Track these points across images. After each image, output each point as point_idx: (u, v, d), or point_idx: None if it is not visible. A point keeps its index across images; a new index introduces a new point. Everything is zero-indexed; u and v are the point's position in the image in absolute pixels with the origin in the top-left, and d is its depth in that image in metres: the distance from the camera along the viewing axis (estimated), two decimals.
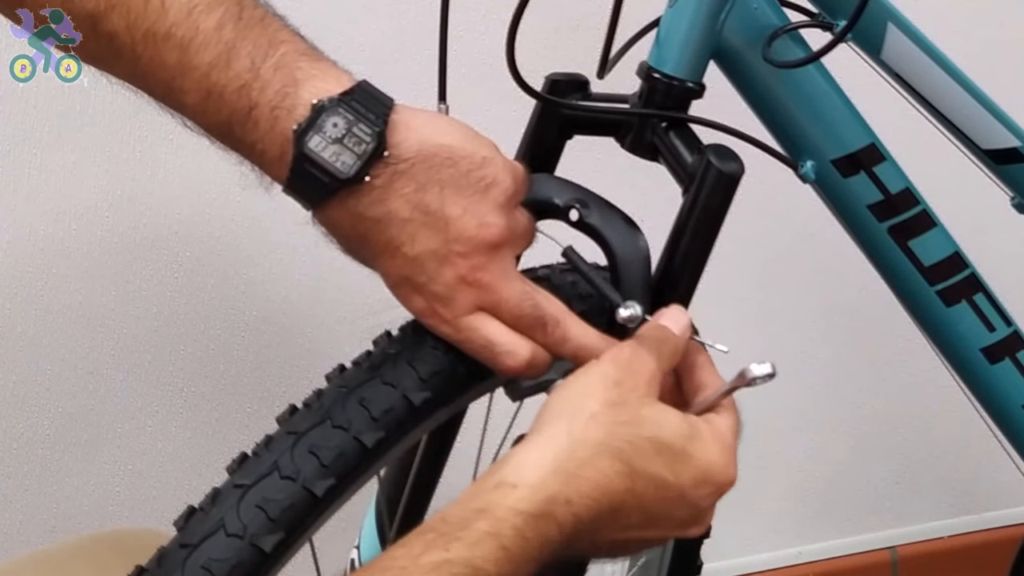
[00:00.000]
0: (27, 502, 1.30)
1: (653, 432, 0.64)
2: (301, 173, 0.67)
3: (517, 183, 0.71)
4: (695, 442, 0.66)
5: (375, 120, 0.68)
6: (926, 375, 1.50)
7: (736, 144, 0.79)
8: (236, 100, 0.67)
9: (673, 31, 0.79)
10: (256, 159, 0.69)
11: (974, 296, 0.93)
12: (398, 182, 0.67)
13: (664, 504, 0.64)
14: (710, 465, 0.66)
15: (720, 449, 0.67)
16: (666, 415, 0.65)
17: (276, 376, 1.34)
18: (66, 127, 1.20)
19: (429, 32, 1.28)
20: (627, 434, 0.63)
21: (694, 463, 0.65)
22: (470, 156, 0.69)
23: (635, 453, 0.63)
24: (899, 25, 0.87)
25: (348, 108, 0.68)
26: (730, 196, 0.77)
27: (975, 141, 0.94)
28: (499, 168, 0.70)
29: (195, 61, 0.67)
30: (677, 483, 0.65)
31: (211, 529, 0.65)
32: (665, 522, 0.66)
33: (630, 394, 0.64)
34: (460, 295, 0.69)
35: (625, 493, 0.63)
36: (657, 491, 0.64)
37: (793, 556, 1.68)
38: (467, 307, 0.69)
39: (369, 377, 0.70)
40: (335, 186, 0.67)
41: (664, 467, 0.64)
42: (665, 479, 0.64)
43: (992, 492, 1.73)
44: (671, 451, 0.64)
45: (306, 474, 0.66)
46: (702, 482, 0.65)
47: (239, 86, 0.67)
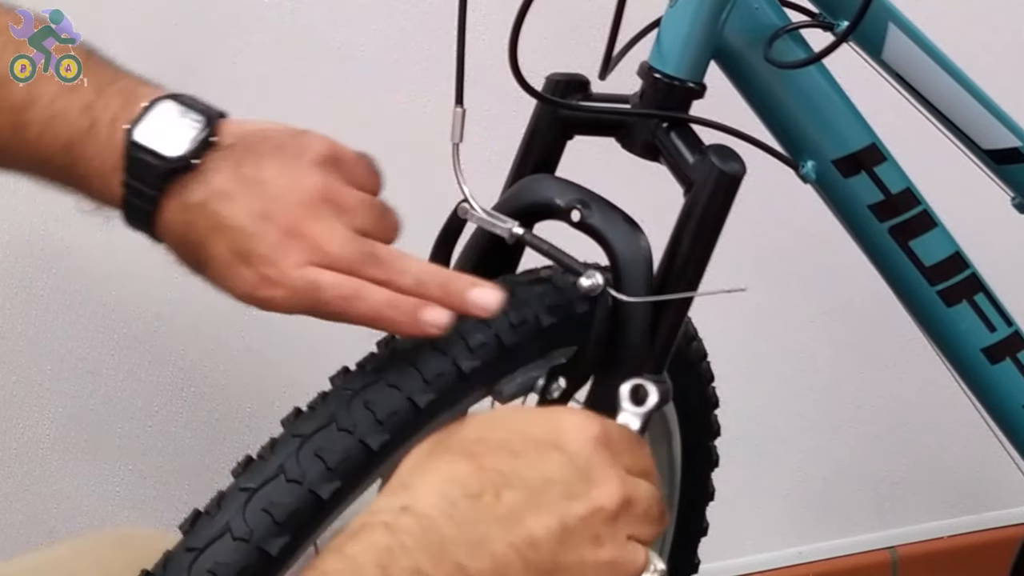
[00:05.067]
0: (27, 502, 1.30)
1: (475, 420, 0.61)
2: (134, 163, 0.69)
3: (334, 148, 0.72)
4: (528, 408, 0.64)
5: (204, 111, 0.72)
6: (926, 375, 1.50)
7: (737, 144, 0.79)
8: (78, 119, 0.72)
9: (674, 31, 0.79)
10: (94, 175, 0.71)
11: (975, 296, 0.93)
12: (221, 162, 0.70)
13: (528, 465, 0.57)
14: (555, 412, 0.61)
15: (557, 422, 0.60)
16: (515, 409, 0.65)
17: (276, 376, 1.34)
18: None
19: (429, 33, 1.29)
20: (451, 434, 0.60)
21: (535, 413, 0.62)
22: (284, 130, 0.73)
23: (464, 439, 0.59)
24: (900, 25, 0.87)
25: (178, 103, 0.72)
26: (731, 196, 0.77)
27: (975, 141, 0.94)
28: (313, 137, 0.73)
29: (41, 91, 0.73)
30: (527, 436, 0.59)
31: (217, 533, 0.65)
32: (548, 488, 0.57)
33: (483, 413, 0.64)
34: (285, 251, 0.68)
35: (475, 470, 0.57)
36: (509, 453, 0.58)
37: (793, 556, 1.68)
38: (295, 263, 0.68)
39: (374, 380, 0.70)
40: (165, 168, 0.69)
41: (503, 430, 0.59)
42: (510, 439, 0.58)
43: (992, 492, 1.73)
44: (505, 416, 0.62)
45: (311, 477, 0.66)
46: (553, 426, 0.59)
47: (83, 106, 0.72)
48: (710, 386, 0.97)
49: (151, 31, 1.20)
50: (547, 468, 0.58)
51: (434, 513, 0.56)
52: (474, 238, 0.83)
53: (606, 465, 0.59)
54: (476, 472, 0.57)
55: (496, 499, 0.56)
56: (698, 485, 1.02)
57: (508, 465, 0.57)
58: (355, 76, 1.27)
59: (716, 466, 1.02)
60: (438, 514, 0.56)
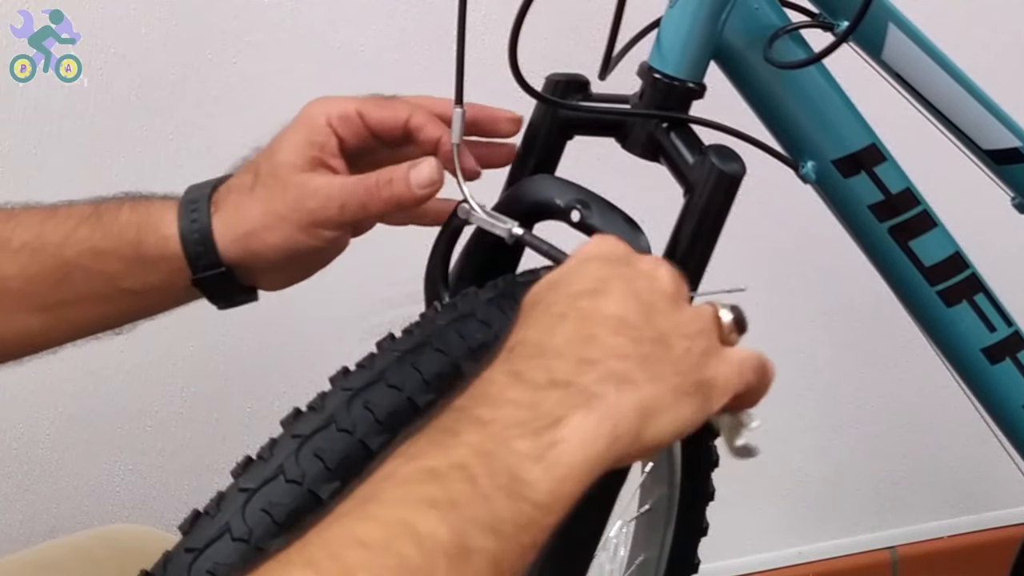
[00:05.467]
0: (27, 502, 1.30)
1: (541, 287, 0.64)
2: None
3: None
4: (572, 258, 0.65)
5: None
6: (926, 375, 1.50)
7: (737, 144, 0.79)
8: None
9: (674, 31, 0.79)
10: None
11: (975, 296, 0.93)
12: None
13: (584, 281, 0.61)
14: (584, 254, 0.64)
15: (580, 252, 0.65)
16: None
17: (276, 376, 1.34)
18: (66, 127, 1.20)
19: (429, 33, 1.29)
20: (526, 308, 0.63)
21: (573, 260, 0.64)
22: None
23: (532, 299, 0.63)
24: (900, 25, 0.87)
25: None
26: (731, 196, 0.77)
27: (975, 141, 0.94)
28: None
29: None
30: (572, 266, 0.63)
31: (217, 533, 0.65)
32: (611, 285, 0.61)
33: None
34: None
35: (545, 308, 0.61)
36: (567, 283, 0.62)
37: (793, 556, 1.68)
38: None
39: (374, 380, 0.70)
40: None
41: (558, 274, 0.63)
42: (564, 276, 0.63)
43: (992, 492, 1.73)
44: (552, 278, 0.64)
45: (311, 478, 0.66)
46: (576, 255, 0.64)
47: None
48: None
49: (151, 31, 1.20)
50: (595, 273, 0.62)
51: (541, 337, 0.59)
52: (474, 238, 0.82)
53: (635, 256, 0.63)
54: (549, 307, 0.61)
55: (580, 312, 0.59)
56: (698, 485, 1.02)
57: (567, 290, 0.61)
58: (355, 76, 1.27)
59: (716, 466, 1.02)
60: (544, 336, 0.59)
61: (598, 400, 0.56)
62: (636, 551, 1.06)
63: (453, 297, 0.77)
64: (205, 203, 0.80)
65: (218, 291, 0.81)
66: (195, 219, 0.79)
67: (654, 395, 0.58)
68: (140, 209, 0.80)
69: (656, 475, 1.02)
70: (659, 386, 0.58)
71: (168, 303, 0.83)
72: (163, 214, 0.80)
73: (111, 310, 0.82)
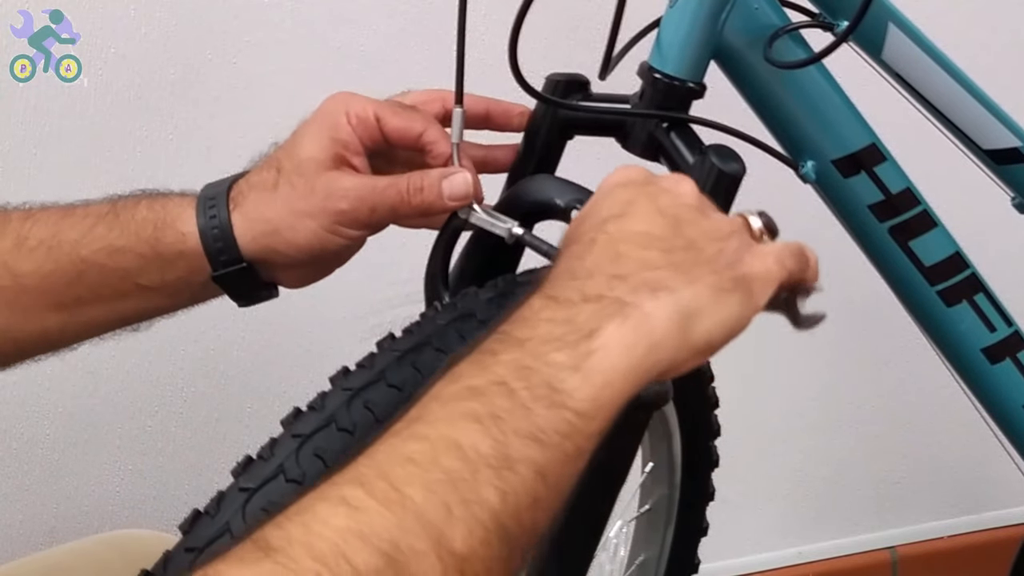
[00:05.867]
0: (27, 502, 1.30)
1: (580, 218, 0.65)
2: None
3: None
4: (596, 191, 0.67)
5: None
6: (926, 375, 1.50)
7: (737, 144, 0.79)
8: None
9: (674, 31, 0.79)
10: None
11: (975, 296, 0.93)
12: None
13: (608, 206, 0.63)
14: (608, 183, 0.66)
15: (604, 183, 0.67)
16: None
17: (276, 376, 1.34)
18: (66, 127, 1.20)
19: (429, 33, 1.29)
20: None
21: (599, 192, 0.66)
22: None
23: (566, 237, 0.64)
24: (900, 25, 0.87)
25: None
26: (731, 196, 0.77)
27: (975, 141, 0.94)
28: None
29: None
30: (597, 198, 0.65)
31: (217, 533, 0.65)
32: (637, 205, 0.63)
33: None
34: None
35: (573, 240, 0.62)
36: (594, 212, 0.63)
37: (793, 556, 1.68)
38: None
39: (374, 379, 0.70)
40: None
41: (587, 209, 0.65)
42: (590, 209, 0.64)
43: (992, 492, 1.73)
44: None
45: (311, 477, 0.66)
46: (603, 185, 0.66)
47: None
48: (710, 386, 0.97)
49: (151, 31, 1.20)
50: (620, 196, 0.63)
51: (571, 265, 0.60)
52: (474, 238, 0.83)
53: (657, 176, 0.65)
54: (577, 237, 0.62)
55: (607, 235, 0.61)
56: (698, 485, 1.02)
57: (593, 217, 0.63)
58: (355, 76, 1.27)
59: (716, 466, 1.02)
60: (574, 263, 0.60)
61: (632, 308, 0.57)
62: (636, 551, 1.06)
63: (453, 297, 0.78)
64: (223, 199, 0.80)
65: (238, 287, 0.81)
66: (214, 215, 0.79)
67: (692, 296, 0.59)
68: (157, 206, 0.80)
69: (656, 475, 1.02)
70: (696, 287, 0.59)
71: (186, 300, 0.83)
72: (181, 211, 0.80)
73: (128, 307, 0.82)
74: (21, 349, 0.82)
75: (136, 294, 0.80)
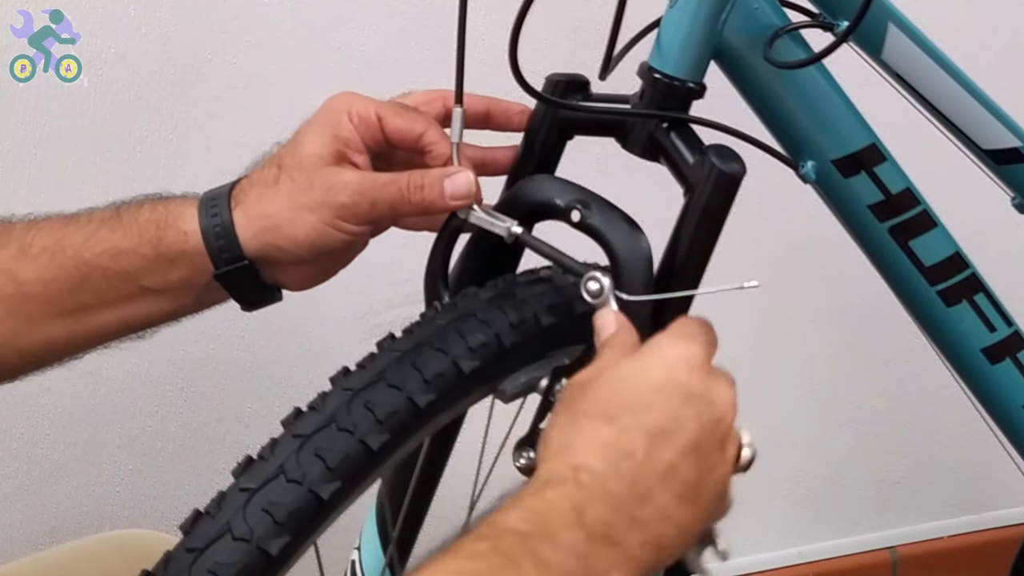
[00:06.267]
0: (27, 502, 1.30)
1: (597, 386, 0.65)
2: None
3: None
4: (639, 357, 0.67)
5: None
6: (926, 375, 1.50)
7: (737, 144, 0.79)
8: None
9: (674, 31, 0.79)
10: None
11: (975, 296, 0.93)
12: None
13: (661, 414, 0.63)
14: (664, 354, 0.66)
15: (667, 339, 0.67)
16: (602, 371, 0.66)
17: (276, 376, 1.34)
18: (66, 127, 1.20)
19: (428, 33, 1.29)
20: (581, 405, 0.65)
21: (650, 366, 0.66)
22: None
23: (597, 404, 0.64)
24: (900, 25, 0.87)
25: None
26: (731, 196, 0.77)
27: (975, 141, 0.94)
28: None
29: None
30: (650, 389, 0.64)
31: (217, 533, 0.65)
32: (684, 428, 0.63)
33: (592, 372, 0.67)
34: None
35: (619, 433, 0.63)
36: (643, 409, 0.64)
37: (793, 556, 1.68)
38: None
39: (374, 379, 0.70)
40: None
41: (628, 390, 0.64)
42: (638, 397, 0.64)
43: (992, 492, 1.73)
44: (624, 378, 0.65)
45: (312, 478, 0.66)
46: (668, 368, 0.65)
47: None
48: None
49: (151, 31, 1.20)
50: (674, 408, 0.64)
51: (605, 473, 0.61)
52: (474, 238, 0.83)
53: (714, 380, 0.66)
54: (621, 434, 0.62)
55: (649, 456, 0.62)
56: None
57: (645, 420, 0.63)
58: (355, 76, 1.27)
59: None
60: (609, 474, 0.61)
61: (635, 563, 0.61)
62: None
63: (453, 297, 0.78)
64: (225, 199, 0.80)
65: (242, 287, 0.81)
66: (216, 213, 0.79)
67: (678, 549, 0.63)
68: (159, 208, 0.81)
69: None
70: (684, 540, 0.64)
71: (190, 304, 0.83)
72: (183, 211, 0.80)
73: (133, 312, 0.82)
74: (27, 359, 0.82)
75: (140, 297, 0.81)
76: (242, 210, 0.79)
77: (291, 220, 0.78)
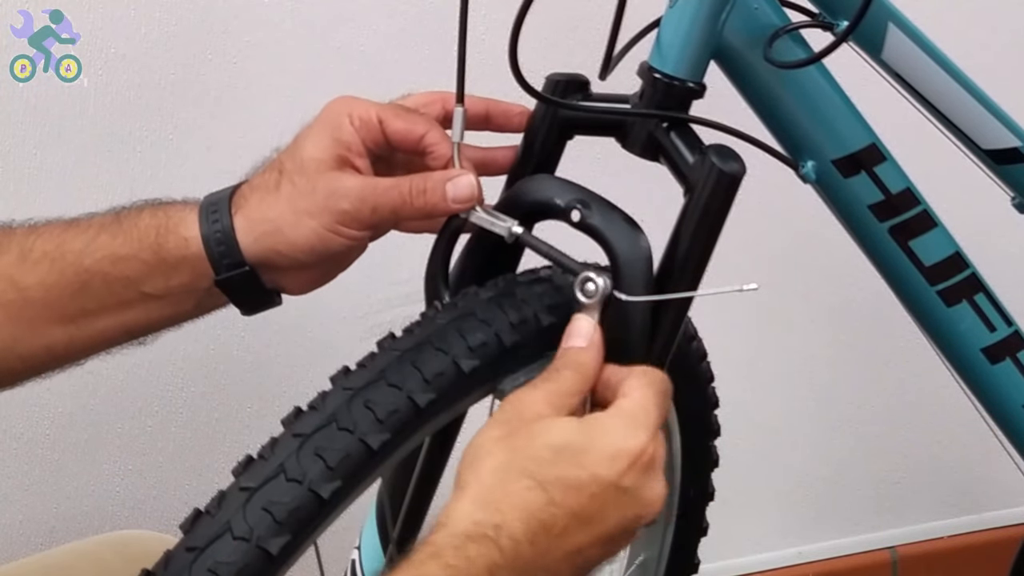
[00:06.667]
0: (27, 502, 1.30)
1: (545, 440, 0.66)
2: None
3: None
4: (591, 430, 0.67)
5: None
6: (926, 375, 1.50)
7: (737, 144, 0.79)
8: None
9: (674, 31, 0.79)
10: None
11: (975, 296, 0.93)
12: None
13: (591, 501, 0.66)
14: (613, 441, 0.67)
15: (622, 424, 0.68)
16: (556, 422, 0.68)
17: (276, 376, 1.34)
18: (66, 127, 1.20)
19: (428, 33, 1.29)
20: (524, 453, 0.66)
21: (597, 447, 0.66)
22: None
23: (537, 465, 0.66)
24: (900, 25, 0.87)
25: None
26: (731, 196, 0.77)
27: (975, 141, 0.94)
28: None
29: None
30: (590, 474, 0.66)
31: (217, 532, 0.65)
32: (606, 519, 0.66)
33: (517, 423, 0.67)
34: None
35: (547, 505, 0.65)
36: (575, 491, 0.66)
37: (793, 556, 1.68)
38: None
39: (374, 379, 0.70)
40: None
41: (569, 466, 0.66)
42: (576, 476, 0.66)
43: (992, 492, 1.73)
44: (570, 449, 0.66)
45: (312, 477, 0.66)
46: (613, 459, 0.66)
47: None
48: (710, 386, 0.97)
49: (151, 31, 1.20)
50: (604, 500, 0.66)
51: (522, 540, 0.64)
52: (474, 238, 0.83)
53: (650, 478, 0.68)
54: (550, 508, 0.65)
55: (565, 535, 0.65)
56: (698, 485, 1.02)
57: (573, 502, 0.65)
58: (355, 76, 1.27)
59: (716, 466, 1.02)
60: (525, 541, 0.64)
61: None
62: (636, 551, 1.06)
63: (454, 297, 0.78)
64: (226, 204, 0.80)
65: (242, 292, 0.81)
66: (216, 219, 0.79)
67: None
68: (159, 213, 0.80)
69: None
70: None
71: (190, 309, 0.83)
72: (183, 216, 0.80)
73: (133, 318, 0.82)
74: (28, 365, 0.82)
75: (141, 303, 0.80)
76: (243, 215, 0.79)
77: (292, 225, 0.78)
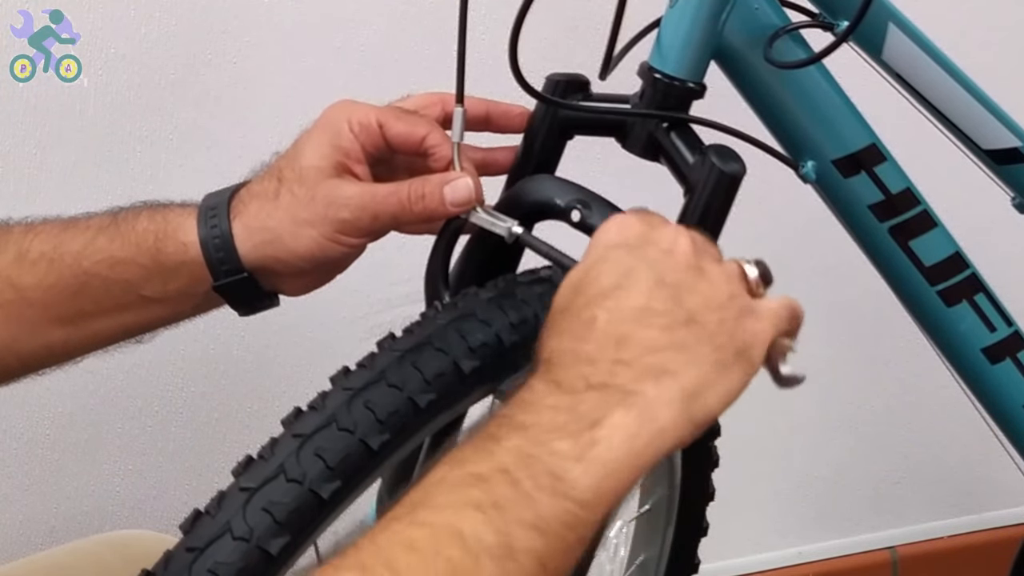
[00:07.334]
0: (27, 502, 1.30)
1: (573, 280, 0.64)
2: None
3: None
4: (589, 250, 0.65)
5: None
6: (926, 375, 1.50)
7: (737, 144, 0.79)
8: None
9: (674, 31, 0.79)
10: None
11: (975, 296, 0.93)
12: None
13: (607, 277, 0.61)
14: (605, 240, 0.65)
15: (598, 239, 0.65)
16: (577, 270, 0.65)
17: (276, 376, 1.34)
18: (66, 127, 1.20)
19: (428, 33, 1.29)
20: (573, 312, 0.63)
21: (595, 252, 0.64)
22: None
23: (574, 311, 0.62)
24: (900, 25, 0.87)
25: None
26: (732, 196, 0.77)
27: (975, 141, 0.94)
28: None
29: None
30: (593, 261, 0.63)
31: (217, 533, 0.65)
32: (636, 276, 0.61)
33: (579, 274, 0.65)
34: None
35: (579, 310, 0.61)
36: (593, 283, 0.62)
37: (793, 556, 1.68)
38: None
39: (374, 379, 0.70)
40: None
41: (582, 276, 0.63)
42: (588, 276, 0.62)
43: (992, 492, 1.73)
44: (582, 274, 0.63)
45: (312, 477, 0.66)
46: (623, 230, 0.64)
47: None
48: None
49: (151, 31, 1.20)
50: (616, 263, 0.62)
51: (573, 346, 0.60)
52: (474, 238, 0.83)
53: (650, 225, 0.64)
54: (583, 310, 0.61)
55: (609, 312, 0.60)
56: (698, 485, 1.02)
57: (593, 290, 0.61)
58: (355, 76, 1.27)
59: (716, 466, 1.02)
60: (577, 344, 0.60)
61: (636, 397, 0.57)
62: (636, 551, 1.06)
63: (454, 297, 0.78)
64: (224, 209, 0.79)
65: (240, 297, 0.81)
66: (215, 224, 0.79)
67: (696, 378, 0.59)
68: (158, 217, 0.80)
69: (656, 475, 1.02)
70: (700, 367, 0.59)
71: (189, 310, 0.83)
72: (182, 221, 0.80)
73: (131, 319, 0.82)
74: (25, 363, 0.82)
75: (139, 305, 0.80)
76: (241, 223, 0.79)
77: (292, 234, 0.78)
